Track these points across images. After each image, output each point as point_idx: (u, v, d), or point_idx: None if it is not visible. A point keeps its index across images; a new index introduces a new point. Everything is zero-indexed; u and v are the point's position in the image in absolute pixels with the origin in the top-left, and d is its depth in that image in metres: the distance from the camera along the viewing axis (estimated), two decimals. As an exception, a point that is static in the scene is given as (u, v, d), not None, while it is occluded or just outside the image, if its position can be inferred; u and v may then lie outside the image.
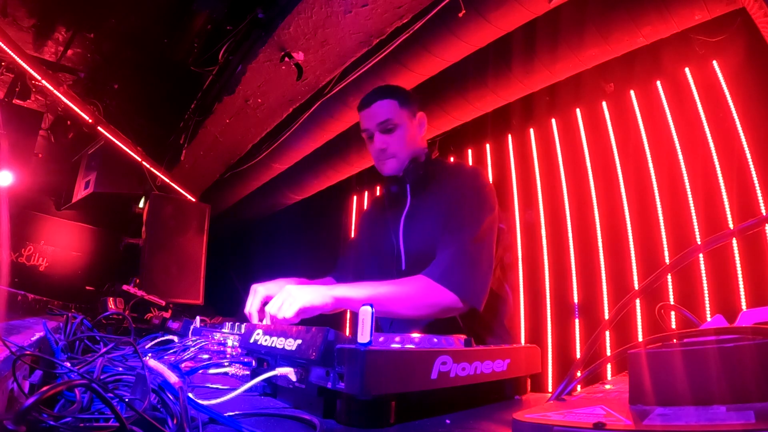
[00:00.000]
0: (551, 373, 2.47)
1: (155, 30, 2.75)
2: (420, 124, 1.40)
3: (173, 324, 1.56)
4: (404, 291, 1.14)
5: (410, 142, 1.36)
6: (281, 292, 1.02)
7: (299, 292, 1.01)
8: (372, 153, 1.39)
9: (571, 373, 0.57)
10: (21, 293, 1.60)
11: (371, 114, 1.35)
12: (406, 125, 1.35)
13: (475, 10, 2.00)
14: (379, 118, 1.33)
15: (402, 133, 1.34)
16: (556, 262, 2.60)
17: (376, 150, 1.35)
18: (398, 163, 1.35)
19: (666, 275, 0.57)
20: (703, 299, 1.96)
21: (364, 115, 1.37)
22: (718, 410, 0.37)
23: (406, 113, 1.36)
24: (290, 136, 3.24)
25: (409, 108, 1.37)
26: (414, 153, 1.37)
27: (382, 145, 1.34)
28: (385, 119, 1.33)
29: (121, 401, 0.47)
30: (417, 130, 1.39)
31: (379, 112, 1.34)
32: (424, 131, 1.42)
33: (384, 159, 1.36)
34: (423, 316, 1.17)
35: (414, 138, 1.37)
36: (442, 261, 1.17)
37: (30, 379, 0.59)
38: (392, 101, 1.34)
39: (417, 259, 1.26)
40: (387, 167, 1.37)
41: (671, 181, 2.18)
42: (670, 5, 1.79)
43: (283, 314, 0.99)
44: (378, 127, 1.34)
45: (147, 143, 3.62)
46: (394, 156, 1.35)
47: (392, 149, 1.34)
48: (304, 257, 4.30)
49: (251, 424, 0.53)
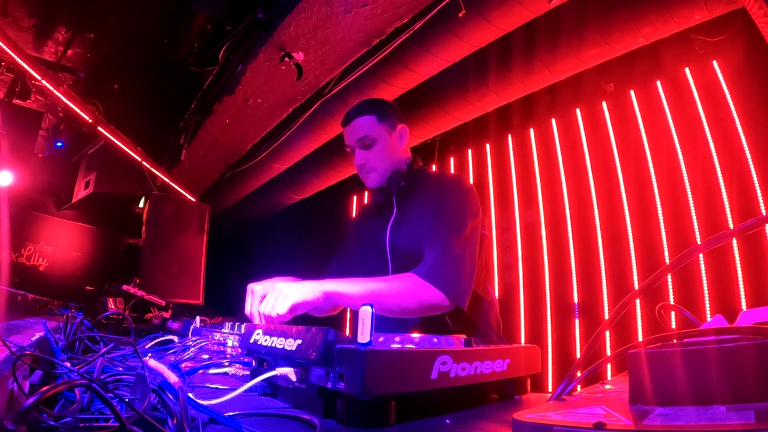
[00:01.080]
0: (551, 373, 2.47)
1: (155, 30, 2.75)
2: (401, 136, 1.44)
3: (173, 324, 1.56)
4: (393, 287, 1.17)
5: (390, 156, 1.40)
6: (272, 291, 1.04)
7: (290, 289, 1.02)
8: (355, 167, 1.44)
9: (571, 373, 0.57)
10: (21, 293, 1.60)
11: (351, 130, 1.41)
12: (384, 139, 1.40)
13: (475, 10, 1.99)
14: (358, 134, 1.39)
15: (381, 148, 1.39)
16: (556, 262, 2.60)
17: (357, 165, 1.42)
18: (379, 175, 1.40)
19: (666, 275, 0.57)
20: (703, 299, 1.96)
21: (345, 131, 1.44)
22: (718, 410, 0.37)
23: (385, 127, 1.40)
24: (290, 136, 3.24)
25: (388, 122, 1.41)
26: (395, 165, 1.42)
27: (362, 161, 1.40)
28: (363, 135, 1.38)
29: (121, 401, 0.47)
30: (397, 143, 1.43)
31: (357, 129, 1.39)
32: (406, 143, 1.46)
33: (365, 173, 1.42)
34: (410, 312, 1.19)
35: (394, 150, 1.42)
36: (429, 260, 1.21)
37: (30, 379, 0.59)
38: (371, 117, 1.39)
39: (404, 264, 1.30)
40: (369, 180, 1.42)
41: (671, 181, 2.18)
42: (670, 5, 1.79)
43: (276, 311, 1.00)
44: (357, 143, 1.39)
45: (147, 143, 3.62)
46: (373, 170, 1.40)
47: (371, 164, 1.39)
48: (304, 257, 4.30)
49: (251, 424, 0.53)
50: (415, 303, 1.16)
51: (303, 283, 1.08)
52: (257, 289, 1.17)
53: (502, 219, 2.93)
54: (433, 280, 1.16)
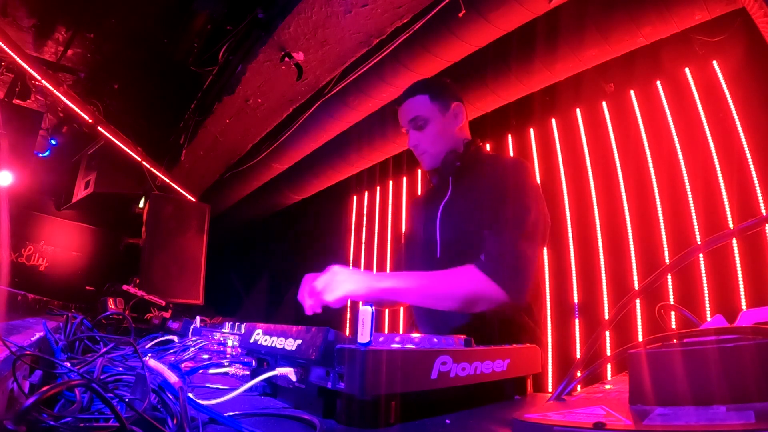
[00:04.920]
0: (551, 373, 2.46)
1: (155, 30, 2.75)
2: (455, 116, 1.37)
3: (173, 324, 1.56)
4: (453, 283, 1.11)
5: (443, 136, 1.35)
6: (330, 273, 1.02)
7: (345, 278, 1.00)
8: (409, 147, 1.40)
9: (571, 373, 0.57)
10: (21, 293, 1.60)
11: (403, 111, 1.36)
12: (437, 119, 1.34)
13: (475, 10, 1.99)
14: (410, 114, 1.34)
15: (433, 128, 1.34)
16: (556, 262, 2.60)
17: (411, 146, 1.37)
18: (432, 157, 1.36)
19: (666, 275, 0.57)
20: (703, 299, 1.96)
21: (399, 111, 1.39)
22: (718, 410, 0.37)
23: (438, 107, 1.35)
24: (290, 136, 3.24)
25: (442, 101, 1.36)
26: (450, 145, 1.36)
27: (415, 142, 1.35)
28: (415, 116, 1.34)
29: (121, 401, 0.47)
30: (452, 123, 1.37)
31: (409, 109, 1.35)
32: (462, 122, 1.39)
33: (419, 154, 1.37)
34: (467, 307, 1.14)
35: (448, 131, 1.36)
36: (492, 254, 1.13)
37: (30, 379, 0.59)
38: (423, 97, 1.34)
39: (451, 247, 1.26)
40: (424, 162, 1.38)
41: (671, 181, 2.18)
42: (670, 5, 1.79)
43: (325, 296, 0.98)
44: (409, 124, 1.35)
45: (147, 143, 3.62)
46: (426, 151, 1.35)
47: (423, 146, 1.35)
48: (303, 257, 4.30)
49: (251, 424, 0.53)
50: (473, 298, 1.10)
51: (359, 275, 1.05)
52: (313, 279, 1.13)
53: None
54: (495, 276, 1.10)
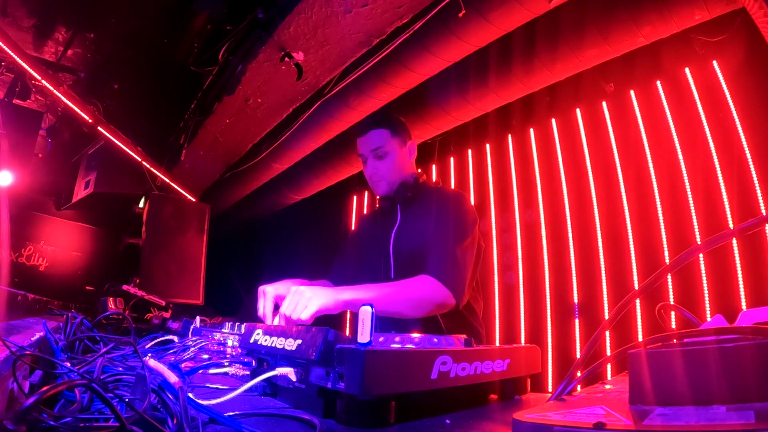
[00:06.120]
0: (551, 373, 2.47)
1: (155, 30, 2.75)
2: (410, 152, 1.55)
3: (173, 324, 1.56)
4: (409, 289, 1.22)
5: (399, 168, 1.51)
6: (294, 294, 1.04)
7: (311, 295, 1.04)
8: (366, 175, 1.55)
9: (571, 373, 0.57)
10: (21, 293, 1.60)
11: (365, 141, 1.50)
12: (396, 152, 1.50)
13: (475, 10, 1.99)
14: (372, 145, 1.49)
15: (392, 160, 1.49)
16: (556, 262, 2.60)
17: (369, 174, 1.52)
18: (388, 185, 1.51)
19: (666, 275, 0.57)
20: (703, 299, 1.96)
21: (359, 141, 1.53)
22: (718, 410, 0.37)
23: (397, 141, 1.51)
24: (290, 136, 3.24)
25: (400, 137, 1.52)
26: (403, 177, 1.52)
27: (373, 170, 1.50)
28: (377, 146, 1.48)
29: (121, 401, 0.47)
30: (407, 157, 1.54)
31: (372, 140, 1.49)
32: (414, 158, 1.58)
33: (375, 181, 1.52)
34: (424, 311, 1.24)
35: (403, 164, 1.53)
36: (437, 262, 1.29)
37: (30, 379, 0.59)
38: (385, 130, 1.49)
39: (405, 268, 1.39)
40: (379, 189, 1.53)
41: (671, 181, 2.18)
42: (670, 5, 1.79)
43: (299, 315, 1.02)
44: (371, 153, 1.49)
45: (147, 143, 3.62)
46: (383, 179, 1.50)
47: (381, 173, 1.50)
48: (303, 257, 4.30)
49: (251, 424, 0.53)
50: (429, 303, 1.23)
51: (323, 290, 1.09)
52: (269, 290, 1.21)
53: (502, 219, 2.93)
54: (443, 280, 1.24)
